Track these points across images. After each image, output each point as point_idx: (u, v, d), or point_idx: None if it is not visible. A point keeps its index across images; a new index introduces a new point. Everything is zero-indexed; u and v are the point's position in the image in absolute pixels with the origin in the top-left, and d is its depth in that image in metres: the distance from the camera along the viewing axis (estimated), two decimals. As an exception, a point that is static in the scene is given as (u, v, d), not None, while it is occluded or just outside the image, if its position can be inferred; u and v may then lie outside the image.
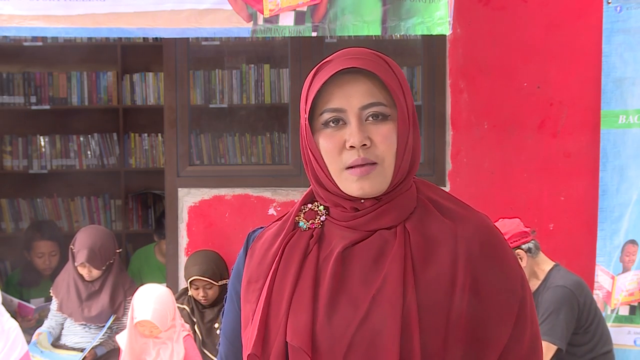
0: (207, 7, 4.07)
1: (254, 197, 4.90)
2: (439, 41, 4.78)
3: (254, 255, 1.65)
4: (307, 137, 1.60)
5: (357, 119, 1.57)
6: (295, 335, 1.53)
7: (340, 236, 1.60)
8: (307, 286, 1.56)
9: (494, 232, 1.62)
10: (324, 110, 1.59)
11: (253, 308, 1.60)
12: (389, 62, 1.62)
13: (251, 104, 5.97)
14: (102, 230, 4.92)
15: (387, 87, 1.58)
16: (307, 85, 1.62)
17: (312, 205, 1.67)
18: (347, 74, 1.58)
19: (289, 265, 1.59)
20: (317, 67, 1.62)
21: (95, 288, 4.66)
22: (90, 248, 4.60)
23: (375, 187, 1.57)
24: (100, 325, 4.64)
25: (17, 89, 6.54)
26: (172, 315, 4.07)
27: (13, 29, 4.11)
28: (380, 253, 1.57)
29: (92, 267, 4.62)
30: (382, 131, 1.57)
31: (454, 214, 1.61)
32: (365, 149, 1.56)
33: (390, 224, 1.59)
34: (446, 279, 1.54)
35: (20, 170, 6.59)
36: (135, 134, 6.66)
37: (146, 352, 4.05)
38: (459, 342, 1.53)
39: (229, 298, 1.71)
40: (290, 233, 1.63)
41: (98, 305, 4.62)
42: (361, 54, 1.60)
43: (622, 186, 4.66)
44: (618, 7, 4.65)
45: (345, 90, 1.57)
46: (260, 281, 1.61)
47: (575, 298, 3.89)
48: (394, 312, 1.51)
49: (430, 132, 4.87)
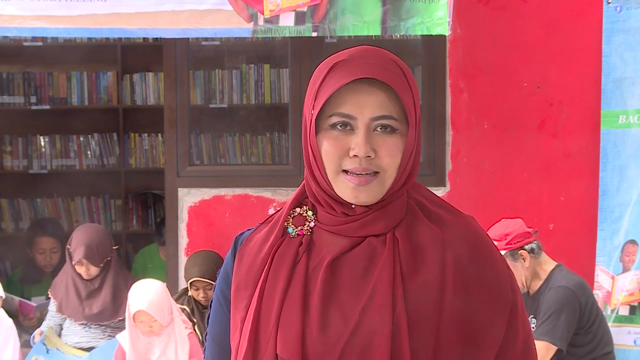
0: (208, 8, 4.08)
1: (254, 197, 4.91)
2: (439, 41, 4.79)
3: (243, 260, 1.63)
4: (310, 134, 1.58)
5: (365, 129, 1.54)
6: (285, 347, 1.52)
7: (329, 244, 1.58)
8: (296, 296, 1.54)
9: (481, 236, 1.61)
10: (333, 113, 1.55)
11: (242, 315, 1.58)
12: (405, 73, 1.58)
13: (251, 104, 5.97)
14: (98, 227, 4.93)
15: (401, 102, 1.55)
16: (317, 81, 1.58)
17: (301, 210, 1.63)
18: (363, 80, 1.54)
19: (279, 274, 1.57)
20: (332, 65, 1.57)
21: (94, 286, 4.65)
22: (87, 245, 4.59)
23: (371, 197, 1.55)
24: (102, 323, 4.63)
25: (17, 89, 6.54)
26: (169, 309, 4.06)
27: (14, 29, 4.11)
28: (370, 262, 1.55)
29: (89, 265, 4.60)
30: (388, 144, 1.55)
31: (441, 219, 1.59)
32: (369, 160, 1.54)
33: (380, 231, 1.57)
34: (435, 286, 1.53)
35: (20, 170, 6.59)
36: (135, 134, 6.66)
37: (151, 351, 4.05)
38: (451, 347, 1.52)
39: (217, 302, 1.68)
40: (280, 239, 1.61)
41: (99, 303, 4.61)
42: (380, 60, 1.57)
43: (622, 186, 4.66)
44: (618, 7, 4.65)
45: (359, 97, 1.54)
46: (249, 289, 1.59)
47: (577, 299, 3.88)
48: (384, 322, 1.50)
49: (430, 132, 4.87)
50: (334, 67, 1.57)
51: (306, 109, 1.60)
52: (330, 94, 1.54)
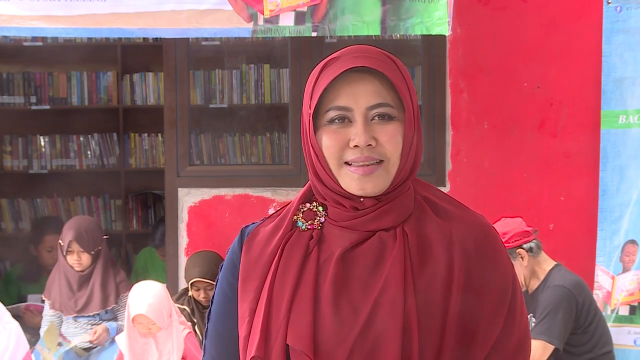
0: (208, 8, 4.08)
1: (254, 197, 4.91)
2: (439, 41, 4.79)
3: (251, 251, 1.62)
4: (309, 132, 1.59)
5: (363, 118, 1.56)
6: (296, 338, 1.52)
7: (339, 237, 1.59)
8: (308, 288, 1.55)
9: (488, 230, 1.62)
10: (330, 107, 1.57)
11: (251, 307, 1.58)
12: (396, 62, 1.61)
13: (251, 104, 5.97)
14: (87, 217, 5.01)
15: (394, 88, 1.57)
16: (312, 80, 1.60)
17: (311, 206, 1.64)
18: (355, 73, 1.56)
19: (289, 266, 1.57)
20: (325, 63, 1.60)
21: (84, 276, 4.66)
22: (77, 230, 4.63)
23: (377, 186, 1.56)
24: (90, 314, 4.63)
25: (17, 89, 6.55)
26: (169, 312, 4.06)
27: (13, 29, 4.11)
28: (380, 256, 1.56)
29: (81, 253, 4.61)
30: (388, 130, 1.56)
31: (449, 214, 1.61)
32: (371, 148, 1.55)
33: (390, 225, 1.58)
34: (442, 281, 1.54)
35: (20, 170, 6.59)
36: (135, 134, 6.66)
37: (148, 352, 4.05)
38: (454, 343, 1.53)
39: (222, 293, 1.66)
40: (289, 232, 1.61)
41: (88, 290, 4.63)
42: (370, 52, 1.60)
43: (622, 186, 4.66)
44: (618, 7, 4.65)
45: (352, 88, 1.56)
46: (258, 280, 1.59)
47: (574, 298, 3.88)
48: (396, 316, 1.51)
49: (430, 132, 4.87)
50: (327, 65, 1.60)
51: (304, 110, 1.61)
52: (324, 87, 1.56)
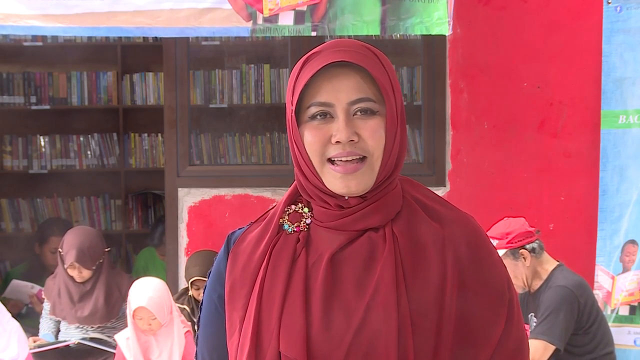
0: (207, 6, 4.07)
1: (254, 197, 4.90)
2: (438, 41, 4.78)
3: (238, 258, 1.60)
4: (292, 129, 1.57)
5: (345, 114, 1.53)
6: (289, 345, 1.49)
7: (327, 239, 1.56)
8: (298, 293, 1.51)
9: (480, 234, 1.60)
10: (311, 103, 1.55)
11: (240, 315, 1.55)
12: (378, 56, 1.58)
13: (251, 104, 5.97)
14: (90, 230, 4.90)
15: (376, 82, 1.54)
16: (294, 76, 1.58)
17: (296, 207, 1.62)
18: (336, 67, 1.54)
19: (278, 271, 1.54)
20: (306, 58, 1.58)
21: (86, 289, 4.63)
22: (79, 248, 4.56)
23: (362, 184, 1.53)
24: (94, 325, 4.61)
25: (17, 89, 6.54)
26: (169, 308, 4.07)
27: (9, 27, 4.09)
28: (370, 257, 1.53)
29: (82, 268, 4.59)
30: (370, 126, 1.53)
31: (441, 216, 1.58)
32: (353, 144, 1.52)
33: (377, 224, 1.55)
34: (436, 283, 1.52)
35: (20, 170, 6.59)
36: (135, 134, 6.66)
37: (150, 350, 4.06)
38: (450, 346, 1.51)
39: (210, 303, 1.63)
40: (276, 236, 1.58)
41: (91, 305, 4.59)
42: (351, 46, 1.56)
43: (622, 186, 4.66)
44: (618, 7, 4.64)
45: (333, 84, 1.53)
46: (246, 287, 1.56)
47: (576, 299, 3.88)
48: (390, 319, 1.48)
49: (430, 132, 4.87)
50: (308, 60, 1.57)
51: (287, 107, 1.59)
52: (305, 83, 1.54)
